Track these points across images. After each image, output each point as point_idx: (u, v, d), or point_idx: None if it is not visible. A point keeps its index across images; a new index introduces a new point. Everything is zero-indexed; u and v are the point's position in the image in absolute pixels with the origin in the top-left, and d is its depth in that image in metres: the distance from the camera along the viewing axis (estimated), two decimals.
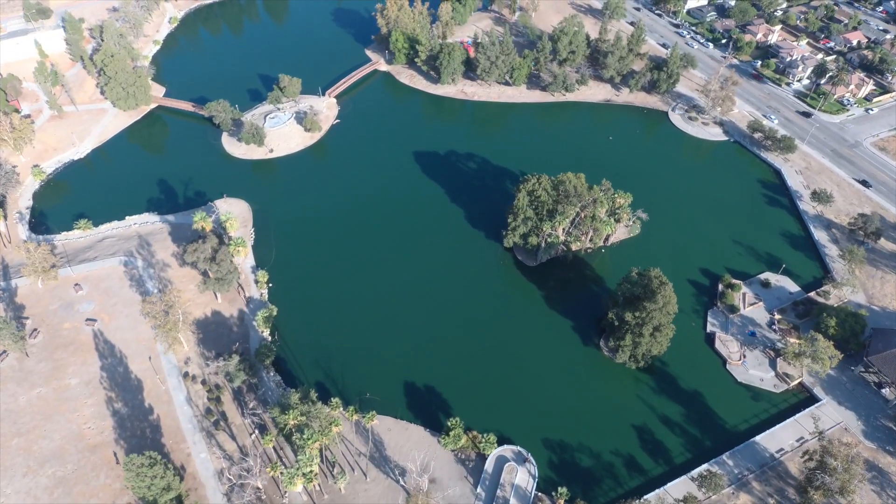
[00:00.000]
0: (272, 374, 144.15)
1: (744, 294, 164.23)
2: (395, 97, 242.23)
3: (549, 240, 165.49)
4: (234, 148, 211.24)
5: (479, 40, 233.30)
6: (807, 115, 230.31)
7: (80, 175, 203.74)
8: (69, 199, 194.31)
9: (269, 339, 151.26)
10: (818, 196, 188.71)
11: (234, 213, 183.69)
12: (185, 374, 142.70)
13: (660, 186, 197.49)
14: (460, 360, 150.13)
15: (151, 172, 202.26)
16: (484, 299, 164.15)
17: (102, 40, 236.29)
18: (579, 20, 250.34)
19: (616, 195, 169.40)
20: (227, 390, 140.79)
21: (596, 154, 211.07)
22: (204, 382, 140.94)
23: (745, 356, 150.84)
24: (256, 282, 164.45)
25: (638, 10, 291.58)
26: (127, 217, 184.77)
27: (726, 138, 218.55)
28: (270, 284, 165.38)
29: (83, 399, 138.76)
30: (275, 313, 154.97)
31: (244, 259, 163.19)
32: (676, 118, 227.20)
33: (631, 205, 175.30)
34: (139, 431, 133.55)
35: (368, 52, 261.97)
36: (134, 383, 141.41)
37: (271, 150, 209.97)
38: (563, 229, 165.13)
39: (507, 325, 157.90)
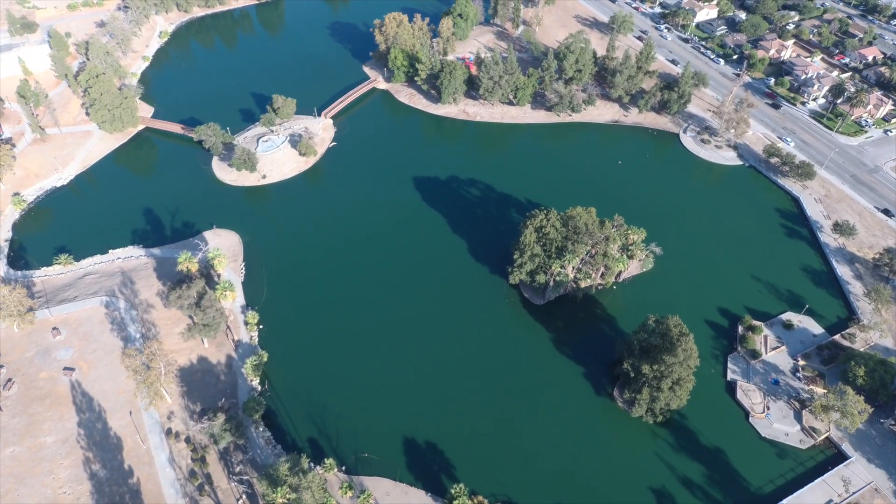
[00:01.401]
0: (261, 429, 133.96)
1: (765, 337, 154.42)
2: (393, 117, 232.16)
3: (557, 278, 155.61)
4: (225, 174, 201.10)
5: (482, 59, 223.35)
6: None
7: (63, 203, 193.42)
8: (50, 230, 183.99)
9: (259, 389, 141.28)
10: (840, 228, 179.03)
11: (224, 247, 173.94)
12: (168, 431, 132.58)
13: (672, 216, 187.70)
14: (464, 411, 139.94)
15: (137, 200, 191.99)
16: (489, 342, 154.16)
17: (88, 58, 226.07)
18: (585, 36, 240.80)
19: (629, 231, 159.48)
20: (213, 449, 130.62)
21: (605, 180, 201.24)
22: (188, 441, 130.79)
23: (768, 408, 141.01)
24: (246, 323, 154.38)
25: (645, 31, 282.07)
26: (110, 251, 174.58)
27: (741, 163, 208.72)
28: (261, 326, 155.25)
29: (59, 460, 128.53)
30: (265, 359, 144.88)
31: (232, 303, 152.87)
32: (688, 140, 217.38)
33: (644, 239, 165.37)
34: (118, 497, 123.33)
35: (366, 69, 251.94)
36: (113, 441, 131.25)
37: (264, 176, 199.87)
38: (573, 267, 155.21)
39: (514, 372, 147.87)
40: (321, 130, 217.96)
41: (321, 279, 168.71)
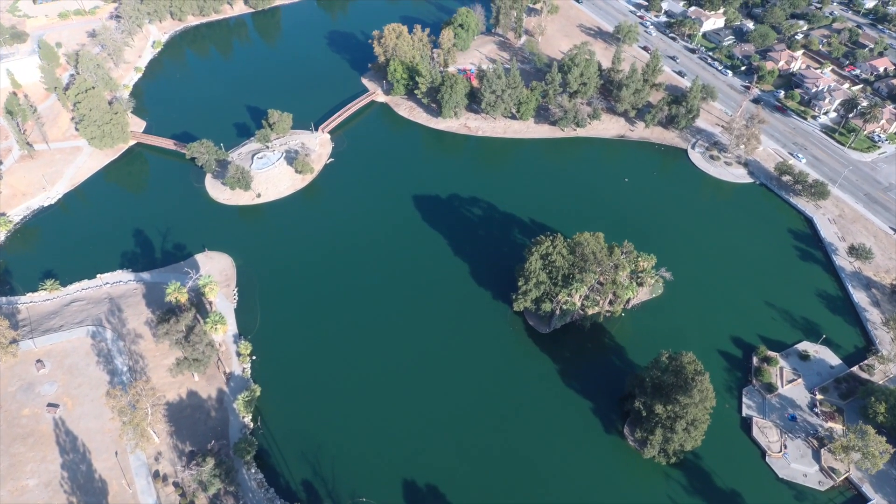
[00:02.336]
0: (253, 471, 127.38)
1: (781, 369, 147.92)
2: (393, 132, 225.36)
3: (564, 307, 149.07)
4: (219, 192, 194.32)
5: (484, 73, 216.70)
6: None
7: (51, 224, 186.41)
8: (37, 253, 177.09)
9: (251, 426, 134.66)
10: (856, 252, 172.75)
11: (216, 272, 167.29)
12: (156, 474, 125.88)
13: (682, 237, 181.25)
14: (466, 449, 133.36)
15: (127, 221, 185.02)
16: (493, 374, 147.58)
17: (78, 72, 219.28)
18: (590, 48, 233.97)
19: (639, 258, 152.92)
20: (202, 493, 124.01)
21: (611, 198, 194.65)
22: (177, 485, 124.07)
23: (785, 446, 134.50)
24: (238, 354, 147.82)
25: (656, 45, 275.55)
26: (98, 275, 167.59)
27: (751, 180, 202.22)
28: (254, 357, 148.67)
29: None
30: (257, 394, 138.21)
31: (224, 335, 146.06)
32: (696, 156, 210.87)
33: (654, 265, 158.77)
34: None
35: (365, 81, 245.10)
36: (98, 485, 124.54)
37: (259, 195, 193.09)
38: (581, 296, 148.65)
39: (520, 407, 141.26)
40: (318, 146, 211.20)
41: (317, 305, 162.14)
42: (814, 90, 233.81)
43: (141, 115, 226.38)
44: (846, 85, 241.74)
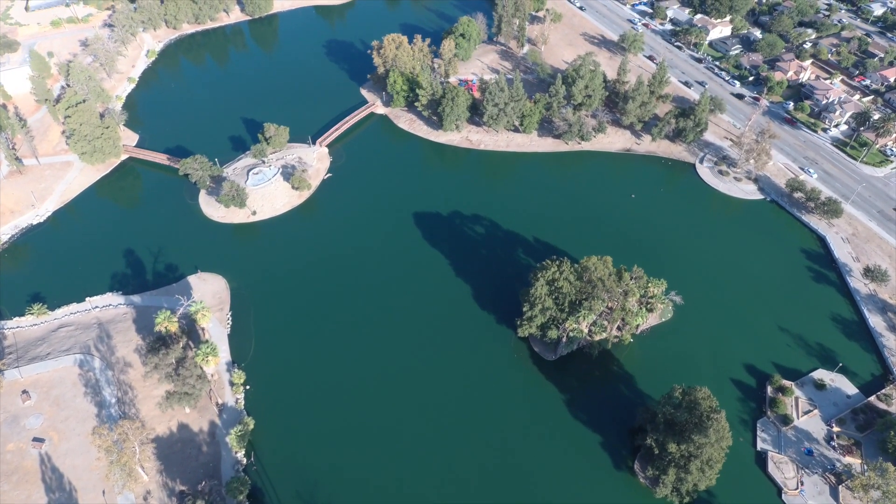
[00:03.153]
0: None
1: (796, 399, 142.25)
2: (393, 145, 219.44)
3: (571, 334, 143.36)
4: (213, 209, 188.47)
5: (486, 85, 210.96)
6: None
7: (39, 243, 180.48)
8: (24, 274, 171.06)
9: (244, 462, 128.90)
10: (872, 273, 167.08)
11: (209, 294, 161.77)
12: None
13: (691, 257, 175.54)
14: (469, 484, 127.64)
15: (118, 240, 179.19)
16: (496, 403, 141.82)
17: (69, 84, 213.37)
18: (594, 58, 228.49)
19: (649, 283, 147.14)
20: None
21: (617, 215, 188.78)
22: None
23: (802, 483, 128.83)
24: (231, 384, 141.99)
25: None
26: (87, 298, 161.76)
27: (762, 197, 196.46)
28: (248, 387, 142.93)
29: None
30: (251, 427, 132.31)
31: (215, 367, 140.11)
32: (705, 171, 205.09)
33: (665, 289, 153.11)
34: None
35: (364, 92, 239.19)
36: None
37: (254, 213, 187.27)
38: (588, 323, 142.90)
39: (524, 438, 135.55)
40: (315, 161, 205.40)
41: (313, 330, 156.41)
42: (824, 102, 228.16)
43: (134, 128, 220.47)
44: (857, 96, 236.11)
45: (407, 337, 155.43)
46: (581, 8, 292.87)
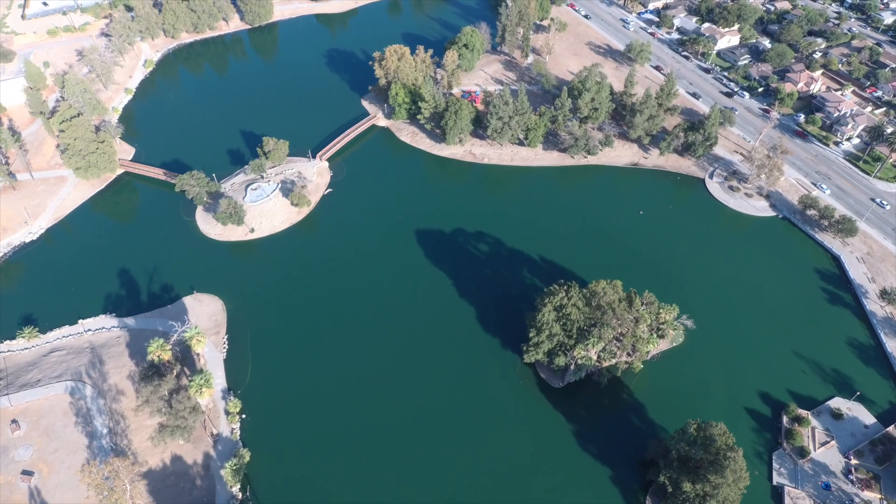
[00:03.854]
0: None
1: (813, 430, 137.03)
2: (394, 159, 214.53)
3: (579, 361, 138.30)
4: (210, 227, 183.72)
5: (490, 97, 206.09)
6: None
7: (32, 262, 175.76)
8: (16, 295, 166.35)
9: (240, 497, 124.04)
10: (888, 296, 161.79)
11: (205, 317, 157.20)
12: None
13: (702, 278, 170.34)
14: None
15: (112, 258, 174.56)
16: (501, 433, 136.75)
17: (64, 97, 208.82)
18: (601, 69, 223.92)
19: (661, 309, 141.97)
20: None
21: (626, 233, 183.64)
22: None
23: None
24: (227, 413, 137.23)
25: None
26: (80, 321, 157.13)
27: (773, 213, 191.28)
28: (244, 416, 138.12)
29: None
30: (246, 460, 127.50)
31: (209, 399, 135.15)
32: (714, 187, 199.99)
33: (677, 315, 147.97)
34: None
35: (365, 104, 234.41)
36: None
37: (252, 230, 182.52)
38: (597, 351, 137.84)
39: (530, 470, 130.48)
40: (315, 175, 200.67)
41: (312, 354, 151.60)
42: (835, 115, 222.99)
43: (130, 141, 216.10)
44: (869, 108, 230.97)
45: (410, 362, 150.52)
46: (586, 16, 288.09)
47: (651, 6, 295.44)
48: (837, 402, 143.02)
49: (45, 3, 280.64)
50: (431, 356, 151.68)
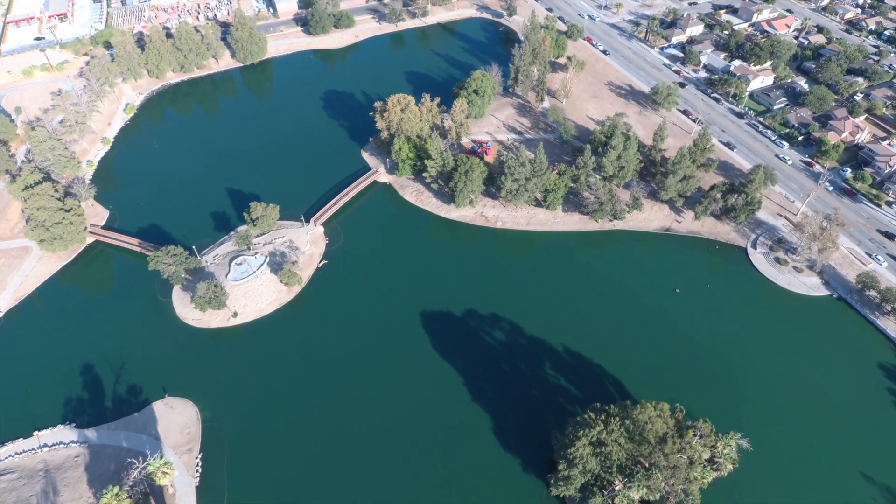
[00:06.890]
0: None
1: None
2: (397, 222, 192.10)
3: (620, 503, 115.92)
4: (188, 310, 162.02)
5: (505, 159, 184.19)
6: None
7: None
8: None
9: None
10: None
11: (177, 429, 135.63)
12: None
13: (753, 377, 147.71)
14: None
15: (77, 351, 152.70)
16: None
17: (29, 159, 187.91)
18: (625, 119, 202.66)
19: (718, 442, 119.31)
20: None
21: (660, 317, 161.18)
22: None
23: None
24: None
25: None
26: (35, 433, 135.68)
27: (827, 293, 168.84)
28: None
29: None
30: None
31: None
32: (758, 258, 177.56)
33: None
34: None
35: (366, 156, 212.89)
36: None
37: (235, 314, 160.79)
38: (641, 495, 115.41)
39: None
40: (309, 244, 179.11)
41: (300, 471, 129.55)
42: (886, 170, 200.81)
43: (105, 201, 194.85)
44: None
45: (414, 482, 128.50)
46: (605, 52, 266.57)
47: (675, 40, 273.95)
48: None
49: (37, 39, 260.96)
50: (443, 480, 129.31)
